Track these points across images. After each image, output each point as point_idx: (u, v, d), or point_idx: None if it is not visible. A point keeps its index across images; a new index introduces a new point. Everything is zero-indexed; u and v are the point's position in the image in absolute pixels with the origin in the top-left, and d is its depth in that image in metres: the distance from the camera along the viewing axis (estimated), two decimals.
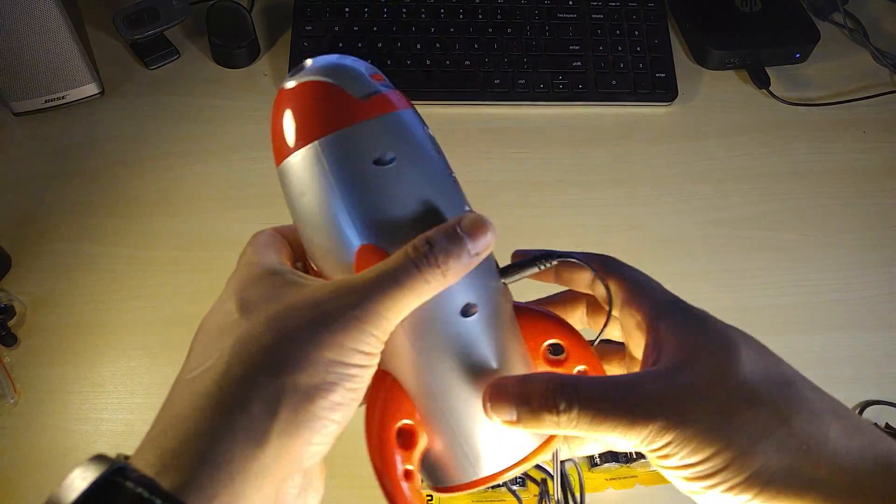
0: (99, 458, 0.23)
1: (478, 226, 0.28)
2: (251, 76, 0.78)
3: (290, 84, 0.30)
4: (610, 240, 0.68)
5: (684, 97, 0.77)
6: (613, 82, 0.76)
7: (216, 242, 0.66)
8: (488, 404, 0.29)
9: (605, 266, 0.33)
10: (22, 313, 0.62)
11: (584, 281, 0.34)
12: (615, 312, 0.33)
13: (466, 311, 0.29)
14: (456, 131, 0.75)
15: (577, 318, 0.36)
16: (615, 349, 0.36)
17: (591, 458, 0.55)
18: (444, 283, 0.27)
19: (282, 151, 0.29)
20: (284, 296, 0.27)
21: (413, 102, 0.31)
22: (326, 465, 0.30)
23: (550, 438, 0.31)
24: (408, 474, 0.29)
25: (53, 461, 0.55)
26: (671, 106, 0.77)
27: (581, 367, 0.33)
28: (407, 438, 0.30)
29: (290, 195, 0.30)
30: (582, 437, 0.34)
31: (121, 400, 0.58)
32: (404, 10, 0.79)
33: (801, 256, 0.67)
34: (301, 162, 0.28)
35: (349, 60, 0.30)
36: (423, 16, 0.79)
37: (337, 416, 0.26)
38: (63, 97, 0.73)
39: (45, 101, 0.73)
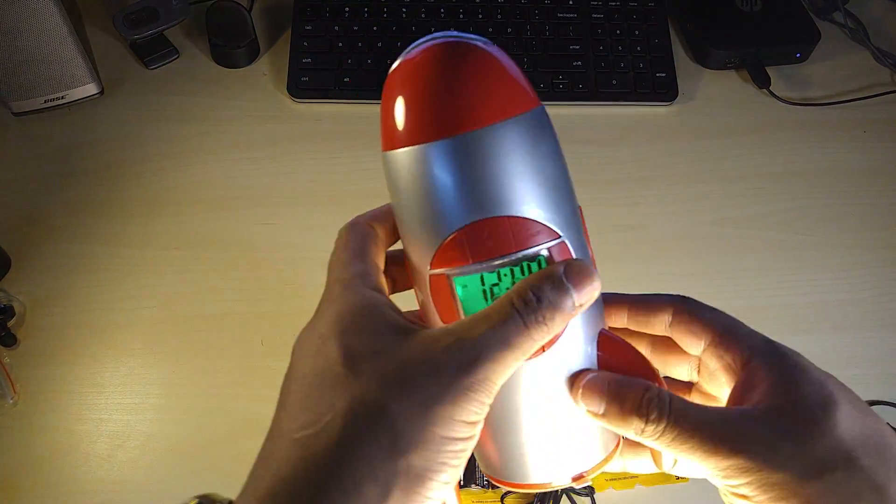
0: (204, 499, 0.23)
1: (584, 275, 0.27)
2: (251, 76, 0.78)
3: (482, 48, 0.28)
4: (610, 240, 0.68)
5: (684, 97, 0.77)
6: (614, 82, 0.76)
7: (216, 242, 0.66)
8: (580, 391, 0.28)
9: (686, 306, 0.32)
10: (21, 313, 0.62)
11: (661, 324, 0.32)
12: (696, 352, 0.32)
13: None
14: None
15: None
16: (679, 387, 0.35)
17: None
18: (546, 339, 0.26)
19: (467, 120, 0.27)
20: (395, 348, 0.26)
21: None
22: None
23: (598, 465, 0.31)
24: None
25: (53, 461, 0.55)
26: (671, 106, 0.77)
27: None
28: None
29: (487, 162, 0.27)
30: (657, 451, 0.33)
31: (120, 400, 0.58)
32: (404, 9, 0.79)
33: (802, 256, 0.67)
34: (521, 126, 0.27)
35: None
36: (423, 15, 0.79)
37: (443, 493, 0.25)
38: (63, 97, 0.73)
39: (45, 101, 0.73)
